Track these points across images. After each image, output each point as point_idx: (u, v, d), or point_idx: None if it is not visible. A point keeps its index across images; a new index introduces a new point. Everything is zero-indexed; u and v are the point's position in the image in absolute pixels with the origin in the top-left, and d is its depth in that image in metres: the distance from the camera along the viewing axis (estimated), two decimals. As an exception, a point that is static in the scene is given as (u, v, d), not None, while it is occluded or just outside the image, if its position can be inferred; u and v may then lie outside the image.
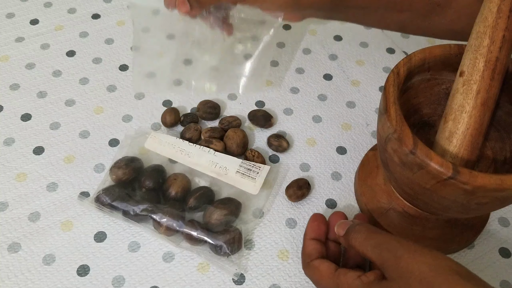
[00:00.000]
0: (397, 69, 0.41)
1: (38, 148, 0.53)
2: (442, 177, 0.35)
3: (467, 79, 0.39)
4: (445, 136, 0.41)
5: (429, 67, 0.43)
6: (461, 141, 0.40)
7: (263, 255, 0.48)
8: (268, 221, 0.50)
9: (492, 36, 0.38)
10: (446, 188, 0.36)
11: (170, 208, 0.47)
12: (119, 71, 0.61)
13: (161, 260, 0.47)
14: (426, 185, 0.37)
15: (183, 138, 0.53)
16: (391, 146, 0.38)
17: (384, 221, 0.48)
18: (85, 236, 0.48)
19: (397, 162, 0.38)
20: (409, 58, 0.42)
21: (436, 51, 0.43)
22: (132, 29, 0.56)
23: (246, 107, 0.58)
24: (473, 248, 0.49)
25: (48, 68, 0.60)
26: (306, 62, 0.63)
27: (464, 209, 0.39)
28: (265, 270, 0.47)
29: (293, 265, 0.47)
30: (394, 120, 0.38)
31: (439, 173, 0.35)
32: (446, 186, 0.36)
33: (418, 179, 0.38)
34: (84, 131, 0.55)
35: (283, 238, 0.49)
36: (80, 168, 0.52)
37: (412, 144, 0.36)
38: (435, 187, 0.37)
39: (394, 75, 0.41)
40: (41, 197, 0.50)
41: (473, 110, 0.39)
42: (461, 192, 0.36)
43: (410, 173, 0.38)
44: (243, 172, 0.50)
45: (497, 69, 0.39)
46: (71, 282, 0.45)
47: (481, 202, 0.37)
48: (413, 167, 0.37)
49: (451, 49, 0.43)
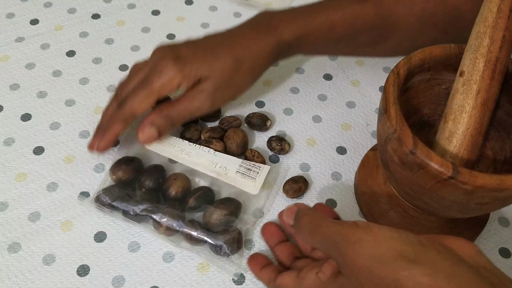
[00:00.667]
0: (397, 69, 0.41)
1: (38, 148, 0.53)
2: (442, 177, 0.35)
3: (467, 79, 0.39)
4: (445, 136, 0.41)
5: (429, 67, 0.43)
6: (461, 141, 0.40)
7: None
8: (268, 221, 0.50)
9: (492, 36, 0.38)
10: (446, 188, 0.36)
11: (170, 208, 0.47)
12: (119, 71, 0.61)
13: (161, 260, 0.47)
14: (426, 185, 0.37)
15: (183, 138, 0.53)
16: (391, 146, 0.38)
17: (384, 221, 0.48)
18: (85, 236, 0.48)
19: (397, 162, 0.38)
20: (409, 58, 0.42)
21: (436, 51, 0.43)
22: (132, 30, 0.56)
23: (246, 107, 0.58)
24: (473, 248, 0.49)
25: (48, 68, 0.60)
26: (306, 62, 0.63)
27: (464, 209, 0.39)
28: (265, 270, 0.47)
29: (293, 265, 0.47)
30: (394, 120, 0.38)
31: (439, 173, 0.35)
32: (446, 186, 0.36)
33: (418, 179, 0.38)
34: (84, 131, 0.55)
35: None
36: (80, 168, 0.52)
37: (412, 144, 0.36)
38: (435, 187, 0.37)
39: (394, 75, 0.41)
40: (41, 197, 0.50)
41: (473, 110, 0.39)
42: (461, 192, 0.36)
43: (410, 173, 0.38)
44: (243, 172, 0.50)
45: (497, 69, 0.39)
46: (71, 282, 0.45)
47: (481, 202, 0.37)
48: (413, 167, 0.37)
49: (451, 49, 0.43)
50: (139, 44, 0.63)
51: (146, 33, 0.65)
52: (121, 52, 0.63)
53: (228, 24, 0.52)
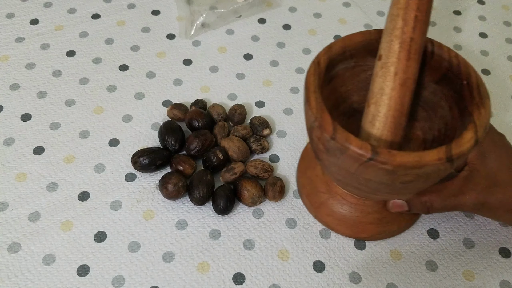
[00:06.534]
0: (318, 59, 0.41)
1: (38, 148, 0.53)
2: (363, 159, 0.36)
3: (384, 62, 0.40)
4: (369, 120, 0.41)
5: (352, 55, 0.43)
6: (383, 124, 0.40)
7: (263, 255, 0.48)
8: (268, 221, 0.50)
9: (404, 18, 0.38)
10: (368, 170, 0.36)
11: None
12: (119, 71, 0.61)
13: (161, 260, 0.47)
14: (351, 169, 0.38)
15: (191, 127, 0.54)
16: (315, 134, 0.38)
17: (325, 210, 0.49)
18: (85, 236, 0.48)
19: (323, 150, 0.39)
20: (329, 47, 0.42)
21: (356, 38, 0.43)
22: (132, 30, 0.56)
23: (246, 107, 0.58)
24: (473, 248, 0.49)
25: (48, 68, 0.60)
26: (306, 62, 0.63)
27: (391, 189, 0.39)
28: (265, 270, 0.47)
29: (293, 265, 0.47)
30: (314, 109, 0.38)
31: (359, 156, 0.36)
32: (368, 167, 0.36)
33: (343, 164, 0.38)
34: (84, 131, 0.55)
35: (283, 238, 0.49)
36: (80, 168, 0.52)
37: (332, 130, 0.36)
38: (359, 170, 0.37)
39: (315, 65, 0.41)
40: (41, 197, 0.50)
41: (392, 91, 0.40)
42: (383, 173, 0.36)
43: (335, 159, 0.38)
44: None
45: (413, 49, 0.39)
46: (71, 282, 0.45)
47: (405, 181, 0.37)
48: (336, 152, 0.37)
49: (371, 34, 0.43)
50: (139, 44, 0.63)
51: (146, 33, 0.65)
52: (121, 52, 0.63)
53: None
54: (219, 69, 0.62)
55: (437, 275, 0.47)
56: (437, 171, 0.37)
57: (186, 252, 0.47)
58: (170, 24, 0.66)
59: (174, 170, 0.51)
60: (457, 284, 0.47)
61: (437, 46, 0.42)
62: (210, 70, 0.62)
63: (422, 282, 0.47)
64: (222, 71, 0.61)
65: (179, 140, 0.52)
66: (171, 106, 0.55)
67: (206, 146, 0.51)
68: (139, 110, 0.57)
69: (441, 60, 0.42)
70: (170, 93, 0.59)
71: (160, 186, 0.49)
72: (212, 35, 0.65)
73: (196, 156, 0.52)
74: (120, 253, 0.47)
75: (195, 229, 0.49)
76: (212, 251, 0.47)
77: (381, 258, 0.48)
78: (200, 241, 0.48)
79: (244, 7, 0.66)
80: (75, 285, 0.45)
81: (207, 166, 0.51)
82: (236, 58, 0.63)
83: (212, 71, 0.61)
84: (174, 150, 0.52)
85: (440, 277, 0.47)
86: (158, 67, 0.61)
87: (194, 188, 0.48)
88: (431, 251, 0.49)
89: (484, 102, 0.38)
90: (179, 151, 0.53)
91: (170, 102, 0.58)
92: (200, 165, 0.52)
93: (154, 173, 0.52)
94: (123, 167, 0.52)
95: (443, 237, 0.49)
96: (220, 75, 0.61)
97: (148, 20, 0.66)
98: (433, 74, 0.43)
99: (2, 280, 0.45)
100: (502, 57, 0.65)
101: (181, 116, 0.55)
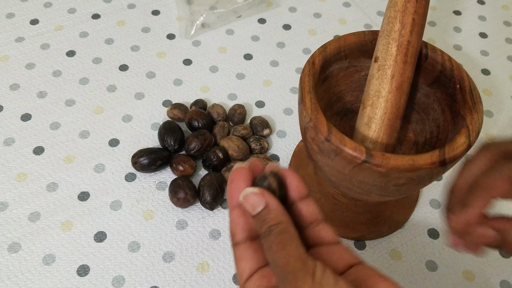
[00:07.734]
0: (312, 59, 0.41)
1: (38, 148, 0.53)
2: (357, 161, 0.36)
3: (381, 64, 0.40)
4: (364, 122, 0.41)
5: (346, 55, 0.43)
6: (379, 126, 0.40)
7: (263, 255, 0.48)
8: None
9: (402, 20, 0.38)
10: (362, 172, 0.37)
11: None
12: (119, 71, 0.61)
13: (161, 260, 0.47)
14: (344, 170, 0.38)
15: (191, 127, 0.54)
16: (309, 134, 0.39)
17: None
18: (85, 236, 0.48)
19: (317, 150, 0.39)
20: (324, 48, 0.42)
21: (351, 38, 0.43)
22: (132, 30, 0.56)
23: (246, 107, 0.58)
24: (473, 248, 0.49)
25: (48, 68, 0.60)
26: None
27: (384, 191, 0.40)
28: (265, 270, 0.47)
29: (293, 265, 0.47)
30: (309, 109, 0.38)
31: (353, 158, 0.36)
32: (362, 170, 0.36)
33: (337, 166, 0.38)
34: (84, 131, 0.55)
35: (283, 238, 0.49)
36: (80, 168, 0.52)
37: (327, 131, 0.37)
38: (353, 172, 0.37)
39: (310, 65, 0.41)
40: (41, 197, 0.50)
41: (389, 94, 0.40)
42: (377, 175, 0.36)
43: (329, 160, 0.38)
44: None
45: (409, 52, 0.39)
46: (71, 282, 0.45)
47: (398, 184, 0.37)
48: (330, 153, 0.37)
49: (365, 35, 0.43)
50: (139, 44, 0.63)
51: (146, 33, 0.65)
52: (121, 52, 0.63)
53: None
54: (219, 69, 0.62)
55: (437, 275, 0.47)
56: (430, 174, 0.37)
57: (186, 252, 0.47)
58: (170, 24, 0.66)
59: (174, 170, 0.51)
60: (457, 284, 0.47)
61: (430, 49, 0.42)
62: (210, 70, 0.62)
63: (422, 282, 0.47)
64: (222, 71, 0.62)
65: (178, 140, 0.52)
66: (171, 106, 0.56)
67: (205, 146, 0.51)
68: (139, 110, 0.57)
69: (435, 63, 0.42)
70: (170, 93, 0.59)
71: (170, 194, 0.49)
72: (212, 35, 0.65)
73: (196, 156, 0.52)
74: (120, 253, 0.47)
75: (195, 229, 0.49)
76: (212, 251, 0.47)
77: (381, 258, 0.48)
78: (200, 241, 0.48)
79: (244, 7, 0.66)
80: (75, 285, 0.45)
81: (207, 166, 0.51)
82: (236, 58, 0.63)
83: (212, 71, 0.61)
84: (173, 150, 0.52)
85: (440, 277, 0.47)
86: (158, 67, 0.61)
87: (205, 192, 0.49)
88: (431, 251, 0.49)
89: (477, 107, 0.38)
90: (179, 151, 0.53)
91: (170, 102, 0.58)
92: (200, 165, 0.52)
93: (154, 173, 0.52)
94: (123, 167, 0.52)
95: (443, 237, 0.49)
96: (220, 75, 0.61)
97: (148, 20, 0.66)
98: (426, 76, 0.43)
99: (2, 280, 0.45)
100: (502, 57, 0.65)
101: (181, 116, 0.55)
